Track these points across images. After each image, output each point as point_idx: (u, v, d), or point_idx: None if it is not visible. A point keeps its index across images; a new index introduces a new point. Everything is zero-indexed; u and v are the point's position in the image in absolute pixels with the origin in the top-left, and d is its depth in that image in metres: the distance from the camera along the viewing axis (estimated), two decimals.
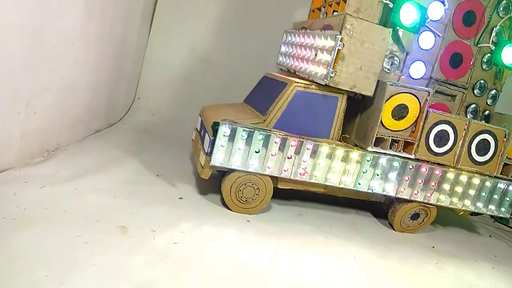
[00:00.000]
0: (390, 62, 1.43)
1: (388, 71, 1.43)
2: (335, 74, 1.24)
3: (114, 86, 1.84)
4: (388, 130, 1.36)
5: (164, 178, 1.45)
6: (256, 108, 1.42)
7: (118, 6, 1.65)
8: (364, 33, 1.24)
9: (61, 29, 1.26)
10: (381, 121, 1.34)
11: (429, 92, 1.34)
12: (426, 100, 1.35)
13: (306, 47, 1.42)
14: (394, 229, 1.52)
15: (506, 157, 1.48)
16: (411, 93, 1.33)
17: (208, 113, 1.44)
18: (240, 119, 1.30)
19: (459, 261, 1.40)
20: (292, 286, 1.01)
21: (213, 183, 1.42)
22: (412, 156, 1.39)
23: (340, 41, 1.22)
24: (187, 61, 2.10)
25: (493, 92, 1.58)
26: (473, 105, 1.56)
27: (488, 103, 1.59)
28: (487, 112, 1.59)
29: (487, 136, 1.45)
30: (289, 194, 1.53)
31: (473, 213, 1.56)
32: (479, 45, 1.48)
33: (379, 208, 1.60)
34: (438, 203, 1.47)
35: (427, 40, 1.43)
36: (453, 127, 1.41)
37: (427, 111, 1.37)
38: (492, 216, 1.57)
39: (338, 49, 1.22)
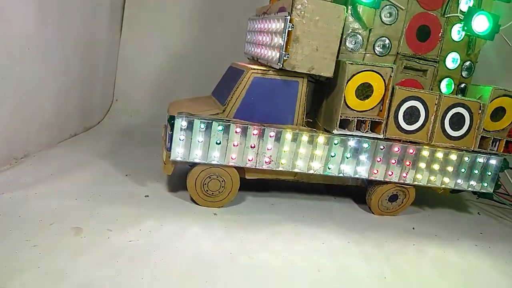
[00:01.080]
0: (353, 41, 1.38)
1: (352, 50, 1.38)
2: (288, 57, 1.20)
3: (87, 89, 1.84)
4: (354, 111, 1.32)
5: (134, 178, 1.43)
6: (219, 99, 1.39)
7: (81, 9, 1.64)
8: (317, 12, 1.20)
9: (10, 35, 1.25)
10: (345, 102, 1.30)
11: (392, 68, 1.29)
12: (391, 76, 1.30)
13: (264, 33, 1.39)
14: (374, 213, 1.48)
15: (483, 129, 1.43)
16: (373, 71, 1.29)
17: (173, 108, 1.41)
18: (200, 111, 1.28)
19: (440, 241, 1.35)
20: (250, 275, 0.98)
21: (184, 179, 1.40)
22: (381, 136, 1.34)
23: (290, 22, 1.18)
24: (161, 58, 2.08)
25: (467, 63, 1.51)
26: (447, 79, 1.50)
27: (463, 75, 1.52)
28: (463, 85, 1.53)
29: (461, 110, 1.39)
30: (268, 185, 1.50)
31: (454, 191, 1.51)
32: (446, 16, 1.42)
33: (361, 193, 1.56)
34: (415, 183, 1.43)
35: (388, 14, 1.38)
36: (423, 103, 1.36)
37: (393, 88, 1.32)
38: (475, 193, 1.51)
39: (289, 31, 1.18)
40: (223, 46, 1.95)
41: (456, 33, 1.46)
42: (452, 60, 1.48)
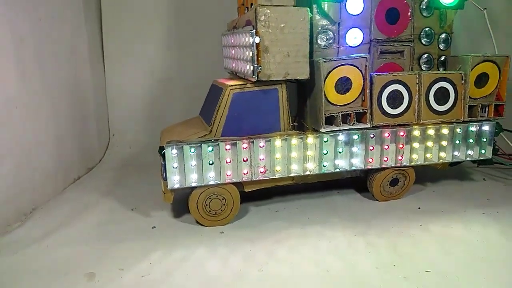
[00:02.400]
0: (324, 38, 1.40)
1: (325, 47, 1.40)
2: (261, 69, 1.22)
3: (82, 131, 1.88)
4: (337, 106, 1.34)
5: (140, 210, 1.47)
6: (205, 119, 1.42)
7: (60, 54, 1.68)
8: (281, 19, 1.22)
9: None
10: (326, 99, 1.32)
11: (366, 58, 1.30)
12: (366, 66, 1.31)
13: (236, 47, 1.41)
14: (378, 200, 1.49)
15: (470, 98, 1.43)
16: (348, 64, 1.30)
17: (164, 136, 1.45)
18: (188, 135, 1.30)
19: (446, 216, 1.36)
20: None
21: (187, 202, 1.43)
22: (369, 125, 1.36)
23: (256, 34, 1.20)
24: (148, 85, 2.12)
25: (443, 36, 1.52)
26: (425, 55, 1.50)
27: (441, 48, 1.52)
28: (443, 58, 1.53)
29: (443, 84, 1.40)
30: (269, 192, 1.52)
31: (453, 164, 1.51)
32: None
33: (363, 183, 1.57)
34: (413, 163, 1.44)
35: (355, 4, 1.39)
36: (404, 84, 1.37)
37: (371, 77, 1.34)
38: (474, 161, 1.51)
39: (257, 43, 1.20)
40: (205, 64, 1.97)
41: (426, 8, 1.47)
42: (426, 35, 1.49)
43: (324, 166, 1.37)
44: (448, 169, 1.65)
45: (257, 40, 1.19)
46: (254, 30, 1.19)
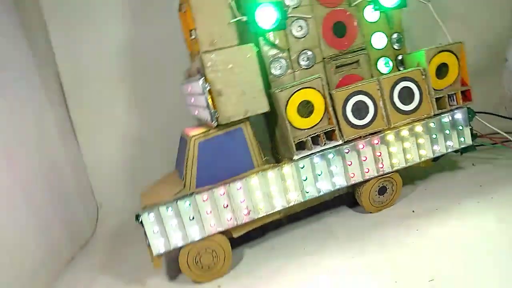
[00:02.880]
0: (278, 67, 1.39)
1: (280, 75, 1.40)
2: (218, 114, 1.21)
3: (66, 210, 1.85)
4: (305, 130, 1.32)
5: (136, 281, 1.42)
6: (179, 173, 1.40)
7: (26, 145, 1.66)
8: (228, 60, 1.22)
9: None
10: (292, 126, 1.30)
11: (320, 78, 1.30)
12: (323, 85, 1.30)
13: (193, 95, 1.41)
14: (371, 212, 1.46)
15: (435, 90, 1.42)
16: (304, 88, 1.29)
17: (143, 200, 1.42)
18: (164, 195, 1.28)
19: (441, 214, 1.32)
20: None
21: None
22: (340, 141, 1.34)
23: (206, 82, 1.19)
24: (124, 147, 2.11)
25: (395, 36, 1.52)
26: (382, 58, 1.50)
27: (396, 48, 1.52)
28: (400, 57, 1.53)
29: (405, 84, 1.38)
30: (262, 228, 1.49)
31: (435, 158, 1.49)
32: (353, 5, 1.43)
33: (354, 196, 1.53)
34: (395, 168, 1.41)
35: (299, 28, 1.39)
36: (365, 94, 1.35)
37: (331, 94, 1.33)
38: (457, 151, 1.48)
39: (209, 89, 1.20)
40: (173, 115, 1.96)
41: (371, 14, 1.47)
42: (378, 41, 1.49)
43: (307, 193, 1.34)
44: (436, 163, 1.62)
45: (208, 87, 1.18)
46: (203, 78, 1.19)
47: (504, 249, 1.06)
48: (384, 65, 1.50)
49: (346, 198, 1.57)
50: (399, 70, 1.50)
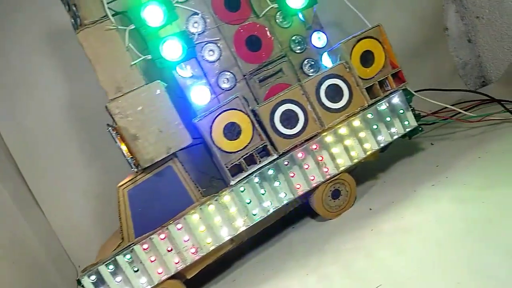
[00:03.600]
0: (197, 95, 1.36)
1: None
2: (134, 160, 1.17)
3: (42, 283, 1.81)
4: (237, 152, 1.27)
5: None
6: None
7: None
8: (136, 103, 1.19)
9: None
10: (223, 151, 1.26)
11: (237, 97, 1.25)
12: (243, 103, 1.26)
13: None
14: (332, 219, 1.39)
15: (365, 79, 1.36)
16: (225, 111, 1.25)
17: (98, 256, 1.37)
18: (103, 252, 1.24)
19: (397, 207, 1.25)
20: None
21: None
22: (275, 155, 1.28)
23: (115, 131, 1.16)
24: (90, 205, 2.07)
25: (314, 34, 1.48)
26: (306, 61, 1.46)
27: (318, 47, 1.48)
28: (325, 54, 1.48)
29: (329, 81, 1.33)
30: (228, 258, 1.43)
31: (382, 149, 1.42)
32: (260, 16, 1.40)
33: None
34: (342, 169, 1.35)
35: (210, 52, 1.36)
36: (291, 101, 1.30)
37: (253, 111, 1.28)
38: (404, 136, 1.41)
39: (122, 136, 1.16)
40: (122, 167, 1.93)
41: (283, 20, 1.44)
42: (296, 43, 1.45)
43: (254, 215, 1.28)
44: (396, 150, 1.56)
45: (117, 135, 1.15)
46: (111, 128, 1.15)
47: (456, 232, 0.99)
48: (309, 67, 1.46)
49: (308, 208, 1.51)
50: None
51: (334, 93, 1.33)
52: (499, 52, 1.72)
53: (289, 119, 1.30)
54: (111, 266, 1.17)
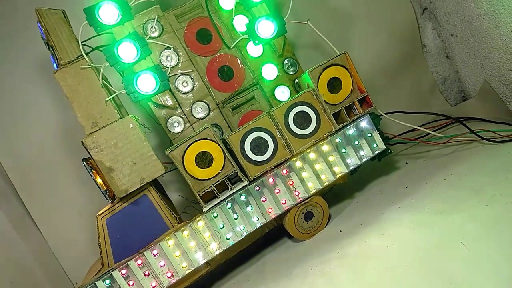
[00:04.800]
0: (174, 124, 1.44)
1: (181, 132, 1.43)
2: (108, 192, 1.24)
3: None
4: (208, 180, 1.33)
5: None
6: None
7: None
8: (110, 137, 1.26)
9: None
10: (195, 179, 1.32)
11: (208, 128, 1.32)
12: (213, 133, 1.32)
13: None
14: (306, 240, 1.44)
15: (333, 105, 1.41)
16: (195, 141, 1.31)
17: (84, 279, 1.45)
18: (88, 276, 1.31)
19: (364, 230, 1.29)
20: None
21: None
22: (246, 182, 1.34)
23: (89, 164, 1.23)
24: (86, 225, 2.16)
25: (286, 61, 1.54)
26: (277, 87, 1.52)
27: (292, 73, 1.54)
28: (296, 81, 1.54)
29: (297, 108, 1.39)
30: (208, 279, 1.49)
31: (352, 172, 1.47)
32: (231, 47, 1.47)
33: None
34: (312, 192, 1.40)
35: (184, 83, 1.43)
36: (260, 129, 1.36)
37: (224, 140, 1.35)
38: (373, 158, 1.46)
39: (95, 171, 1.24)
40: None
41: (254, 50, 1.50)
42: (269, 72, 1.51)
43: (228, 239, 1.34)
44: (374, 168, 1.61)
45: (90, 169, 1.22)
46: (85, 162, 1.23)
47: (410, 259, 1.03)
48: (281, 93, 1.51)
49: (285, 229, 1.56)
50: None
51: (302, 120, 1.39)
52: (474, 69, 1.75)
53: (259, 146, 1.36)
54: None
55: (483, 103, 1.76)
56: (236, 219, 1.35)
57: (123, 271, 1.27)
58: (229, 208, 1.34)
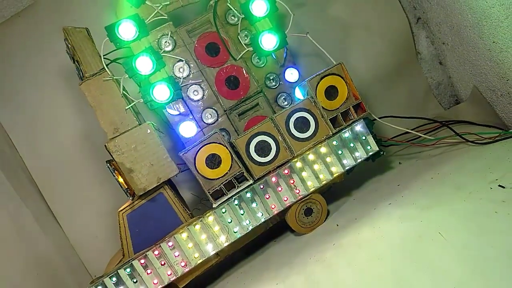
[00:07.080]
0: (186, 130, 1.58)
1: (193, 136, 1.58)
2: (129, 190, 1.40)
3: None
4: (217, 179, 1.48)
5: None
6: None
7: (8, 247, 1.91)
8: (130, 141, 1.42)
9: None
10: (205, 178, 1.47)
11: (217, 132, 1.47)
12: (222, 136, 1.47)
13: None
14: (306, 234, 1.58)
15: (330, 110, 1.55)
16: (206, 145, 1.46)
17: (106, 267, 1.60)
18: (109, 267, 1.47)
19: (358, 223, 1.43)
20: None
21: None
22: (252, 181, 1.49)
23: (112, 166, 1.39)
24: (105, 221, 2.32)
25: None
26: (279, 95, 1.66)
27: (292, 81, 1.68)
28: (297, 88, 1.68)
29: (297, 114, 1.53)
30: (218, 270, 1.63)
31: (348, 172, 1.60)
32: (238, 59, 1.62)
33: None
34: (312, 190, 1.54)
35: (195, 92, 1.58)
36: (264, 133, 1.51)
37: (231, 143, 1.49)
38: (367, 159, 1.59)
39: (117, 172, 1.39)
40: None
41: (258, 61, 1.65)
42: (270, 80, 1.66)
43: (236, 232, 1.49)
44: (370, 168, 1.74)
45: (114, 170, 1.38)
46: (109, 164, 1.39)
47: (396, 248, 1.17)
48: (283, 100, 1.66)
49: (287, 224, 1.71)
50: None
51: (302, 125, 1.53)
52: (464, 75, 1.88)
53: (262, 148, 1.51)
54: (114, 279, 1.40)
55: (474, 107, 1.88)
56: (242, 214, 1.49)
57: (142, 261, 1.42)
58: (236, 204, 1.49)
